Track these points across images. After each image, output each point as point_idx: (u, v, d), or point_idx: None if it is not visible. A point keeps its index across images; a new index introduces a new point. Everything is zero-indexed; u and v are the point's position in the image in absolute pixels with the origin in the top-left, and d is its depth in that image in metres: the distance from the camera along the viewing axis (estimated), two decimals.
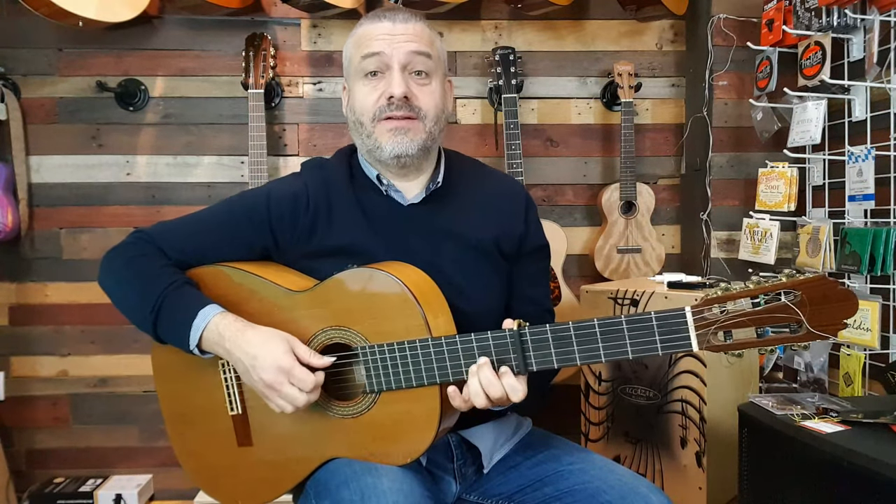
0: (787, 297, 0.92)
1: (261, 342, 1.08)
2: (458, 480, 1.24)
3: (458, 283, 1.19)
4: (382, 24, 1.21)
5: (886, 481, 1.17)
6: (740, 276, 2.14)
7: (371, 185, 1.26)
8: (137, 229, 1.25)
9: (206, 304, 1.12)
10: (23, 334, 2.39)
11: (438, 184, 1.26)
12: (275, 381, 1.06)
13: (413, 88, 1.20)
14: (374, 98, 1.20)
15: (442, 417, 1.08)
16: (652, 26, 2.48)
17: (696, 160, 2.39)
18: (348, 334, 1.11)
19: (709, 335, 0.96)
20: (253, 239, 1.23)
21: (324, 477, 1.11)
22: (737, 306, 0.94)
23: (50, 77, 2.35)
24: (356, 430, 1.12)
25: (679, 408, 1.79)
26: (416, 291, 1.08)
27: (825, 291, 0.92)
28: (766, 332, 0.95)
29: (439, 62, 1.25)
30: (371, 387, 1.10)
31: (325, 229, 1.21)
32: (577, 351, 1.02)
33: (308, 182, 1.25)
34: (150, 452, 2.42)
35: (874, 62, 1.83)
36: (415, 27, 1.21)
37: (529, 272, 1.32)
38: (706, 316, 0.96)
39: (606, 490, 1.11)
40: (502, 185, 1.35)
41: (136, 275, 1.18)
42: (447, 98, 1.28)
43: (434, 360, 1.06)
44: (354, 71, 1.23)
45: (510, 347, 1.04)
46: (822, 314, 0.92)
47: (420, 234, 1.23)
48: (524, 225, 1.31)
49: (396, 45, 1.19)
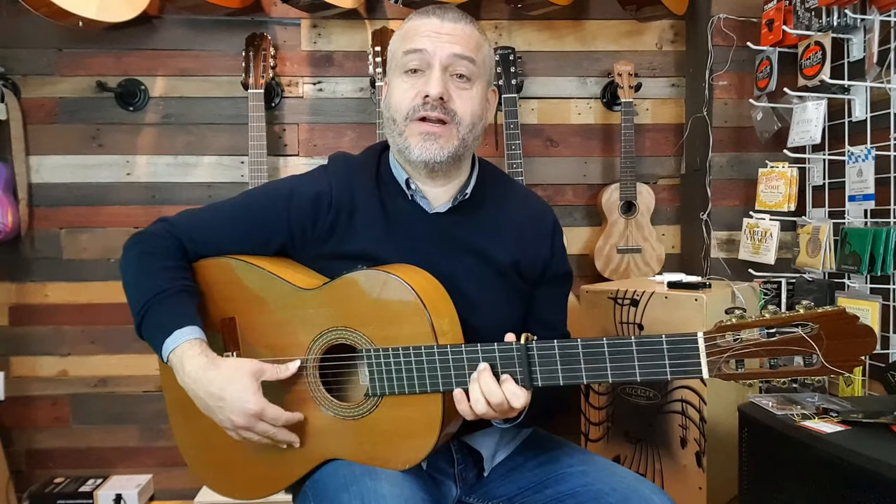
0: (804, 330, 0.90)
1: (225, 383, 1.06)
2: (459, 484, 1.24)
3: (473, 299, 1.17)
4: (430, 20, 1.17)
5: (886, 481, 1.17)
6: (740, 276, 2.14)
7: (398, 188, 1.22)
8: (162, 218, 1.24)
9: (184, 325, 1.10)
10: (23, 334, 2.39)
11: (466, 195, 1.23)
12: (247, 424, 1.07)
13: (451, 91, 1.16)
14: (410, 96, 1.16)
15: (443, 426, 1.07)
16: (652, 26, 2.48)
17: (696, 160, 2.39)
18: (354, 336, 1.11)
19: (720, 363, 0.93)
20: (271, 235, 1.22)
21: (322, 479, 1.11)
22: (750, 335, 0.92)
23: (50, 77, 2.34)
24: (357, 431, 1.11)
25: (679, 408, 1.79)
26: (425, 298, 1.07)
27: (843, 326, 0.89)
28: (778, 362, 0.93)
29: (483, 68, 1.21)
30: (374, 390, 1.09)
31: (345, 233, 1.19)
32: (584, 369, 1.00)
33: (333, 182, 1.21)
34: (150, 452, 2.42)
35: (874, 62, 1.83)
36: (463, 28, 1.17)
37: (549, 297, 1.30)
38: (719, 343, 0.93)
39: (609, 492, 1.10)
40: (531, 209, 1.31)
41: (141, 271, 1.18)
42: (488, 106, 1.24)
43: (438, 367, 1.05)
44: (395, 65, 1.20)
45: (516, 361, 1.03)
46: (838, 349, 0.90)
47: (440, 244, 1.20)
48: (549, 252, 1.28)
49: (440, 45, 1.15)
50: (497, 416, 1.04)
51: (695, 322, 1.74)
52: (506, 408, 1.02)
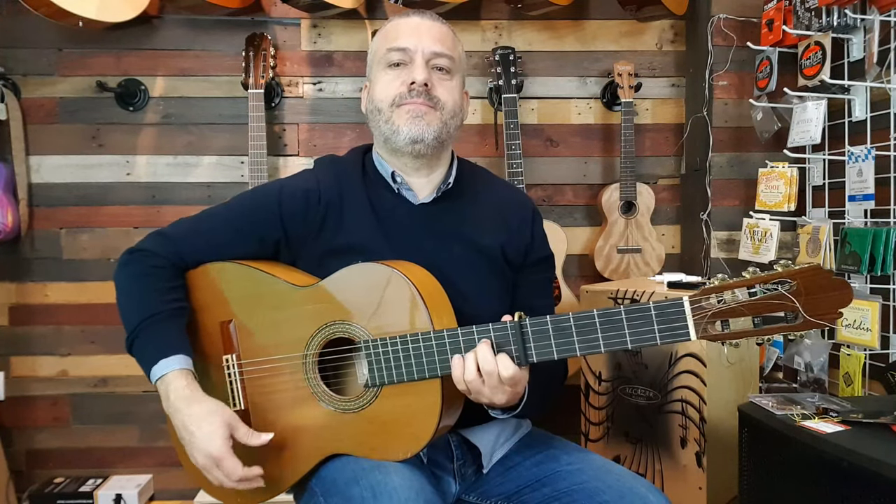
0: (783, 287, 0.94)
1: (199, 421, 1.08)
2: (458, 480, 1.24)
3: (463, 286, 1.19)
4: (411, 19, 1.26)
5: (886, 481, 1.17)
6: (740, 275, 2.13)
7: (383, 182, 1.27)
8: (158, 231, 1.26)
9: (171, 354, 1.13)
10: (23, 334, 2.39)
11: (450, 185, 1.28)
12: (206, 465, 1.09)
13: (434, 80, 1.23)
14: (395, 85, 1.22)
15: (443, 411, 1.08)
16: (652, 26, 2.48)
17: (696, 160, 2.39)
18: (352, 329, 1.12)
19: (706, 324, 0.97)
20: (264, 234, 1.24)
21: (330, 474, 1.11)
22: (733, 297, 0.96)
23: (50, 77, 2.35)
24: (357, 424, 1.12)
25: (679, 408, 1.79)
26: (422, 290, 1.08)
27: (820, 281, 0.93)
28: (762, 321, 0.96)
29: (460, 65, 1.29)
30: (373, 381, 1.11)
31: (336, 226, 1.22)
32: (577, 342, 1.02)
33: (320, 178, 1.26)
34: (150, 452, 2.43)
35: (874, 62, 1.83)
36: (440, 28, 1.26)
37: (533, 282, 1.33)
38: (703, 305, 0.97)
39: (605, 490, 1.11)
40: (511, 195, 1.38)
41: (134, 291, 1.20)
42: (464, 103, 1.31)
43: (436, 351, 1.07)
44: (378, 62, 1.26)
45: (511, 338, 1.05)
46: (817, 303, 0.93)
47: (428, 234, 1.24)
48: (530, 236, 1.33)
49: (422, 41, 1.23)
50: (487, 391, 1.05)
51: None
52: (495, 380, 1.03)
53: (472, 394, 1.06)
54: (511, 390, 1.06)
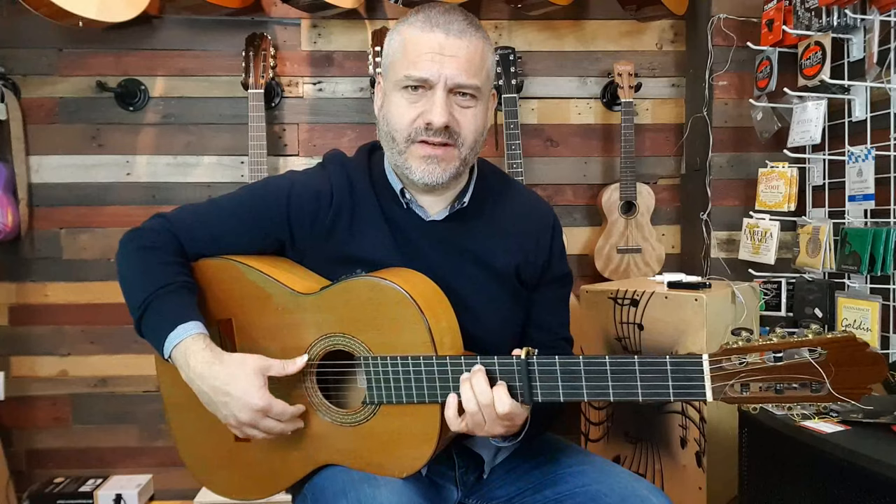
0: (812, 356, 0.88)
1: (231, 379, 1.04)
2: (460, 487, 1.23)
3: (473, 306, 1.16)
4: (434, 35, 1.10)
5: (886, 481, 1.17)
6: (741, 276, 2.14)
7: (393, 195, 1.21)
8: (160, 214, 1.23)
9: (187, 320, 1.08)
10: (23, 334, 2.39)
11: (464, 204, 1.21)
12: (253, 419, 1.04)
13: (455, 113, 1.12)
14: (411, 116, 1.12)
15: (440, 437, 1.06)
16: (652, 26, 2.48)
17: (696, 160, 2.39)
18: (352, 343, 1.10)
19: (725, 387, 0.91)
20: (270, 228, 1.20)
21: (321, 483, 1.11)
22: (757, 358, 0.90)
23: (50, 77, 2.35)
24: (354, 438, 1.11)
25: (679, 408, 1.79)
26: (423, 304, 1.05)
27: (852, 353, 0.87)
28: (784, 387, 0.91)
29: (488, 82, 1.17)
30: (372, 398, 1.08)
31: (347, 235, 1.18)
32: (586, 387, 0.98)
33: (333, 180, 1.20)
34: (150, 452, 2.42)
35: (874, 62, 1.83)
36: (468, 45, 1.11)
37: (548, 300, 1.28)
38: (724, 366, 0.91)
39: (606, 492, 1.10)
40: (531, 207, 1.29)
41: (140, 266, 1.16)
42: (488, 115, 1.21)
43: (437, 377, 1.04)
44: (394, 78, 1.14)
45: (516, 375, 1.01)
46: (846, 376, 0.88)
47: (438, 251, 1.19)
48: (548, 253, 1.26)
49: (445, 70, 1.09)
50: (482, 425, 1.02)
51: (695, 322, 1.74)
52: (492, 413, 1.00)
53: (469, 429, 1.03)
54: (509, 424, 1.03)
